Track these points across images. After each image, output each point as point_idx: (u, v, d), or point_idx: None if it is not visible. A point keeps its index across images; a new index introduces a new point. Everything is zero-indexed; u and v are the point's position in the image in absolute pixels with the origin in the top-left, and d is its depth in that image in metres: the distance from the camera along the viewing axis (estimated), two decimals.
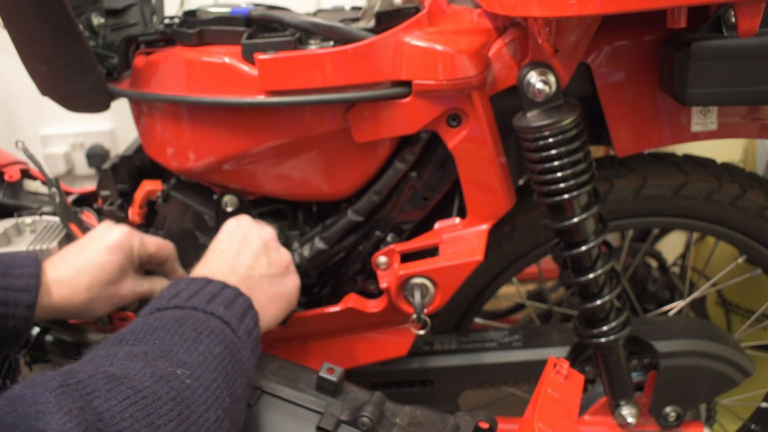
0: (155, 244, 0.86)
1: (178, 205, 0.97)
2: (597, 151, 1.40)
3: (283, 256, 0.81)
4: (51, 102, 0.90)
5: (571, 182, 0.79)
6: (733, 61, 0.71)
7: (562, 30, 0.73)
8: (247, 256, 0.77)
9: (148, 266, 0.88)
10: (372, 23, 0.84)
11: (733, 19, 0.69)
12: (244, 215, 0.85)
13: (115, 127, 1.92)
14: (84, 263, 0.78)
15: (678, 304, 1.15)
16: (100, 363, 0.53)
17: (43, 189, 1.09)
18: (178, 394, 0.52)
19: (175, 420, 0.51)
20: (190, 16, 0.91)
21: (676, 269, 1.44)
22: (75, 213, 0.96)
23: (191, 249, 0.97)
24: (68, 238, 0.94)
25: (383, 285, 0.89)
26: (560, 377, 0.76)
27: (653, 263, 1.39)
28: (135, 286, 0.83)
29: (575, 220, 0.81)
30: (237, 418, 0.60)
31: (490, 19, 0.81)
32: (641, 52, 0.82)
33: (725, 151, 1.41)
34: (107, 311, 0.82)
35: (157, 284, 0.87)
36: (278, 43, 0.81)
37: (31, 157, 0.93)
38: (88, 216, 1.01)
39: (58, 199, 0.93)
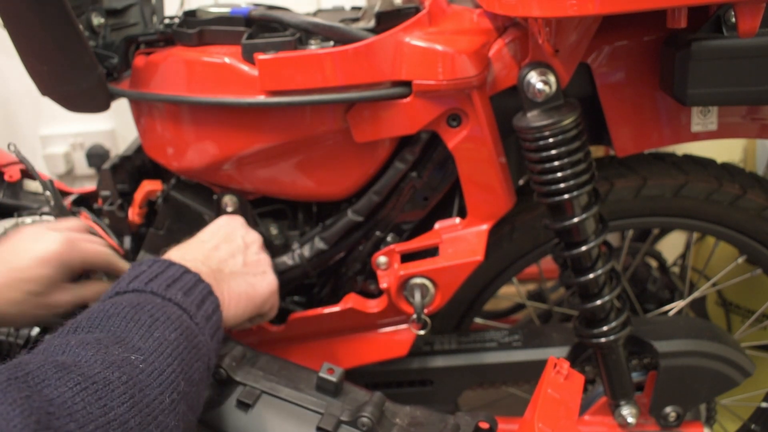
0: (92, 253, 0.80)
1: (178, 205, 0.97)
2: (597, 151, 1.41)
3: (262, 261, 0.82)
4: (51, 102, 0.90)
5: (571, 182, 0.79)
6: (733, 61, 0.71)
7: (563, 30, 0.73)
8: (224, 251, 0.78)
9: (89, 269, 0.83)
10: (372, 23, 0.84)
11: (734, 19, 0.69)
12: (237, 216, 0.86)
13: (115, 127, 1.93)
14: (11, 276, 0.73)
15: (678, 304, 1.15)
16: (52, 353, 0.53)
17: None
18: (129, 378, 0.53)
19: (127, 402, 0.52)
20: (190, 16, 0.91)
21: (676, 269, 1.44)
22: (72, 215, 0.96)
23: None
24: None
25: (383, 285, 0.89)
26: (560, 377, 0.76)
27: (653, 263, 1.39)
28: (71, 295, 0.77)
29: (575, 220, 0.81)
30: (194, 401, 0.61)
31: (490, 19, 0.81)
32: (641, 52, 0.82)
33: (725, 151, 1.41)
34: (46, 319, 0.78)
35: (97, 288, 0.82)
36: (278, 43, 0.81)
37: (23, 159, 0.93)
38: (85, 217, 1.01)
39: (52, 202, 0.93)
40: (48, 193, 0.93)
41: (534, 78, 0.77)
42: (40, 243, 0.75)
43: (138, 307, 0.61)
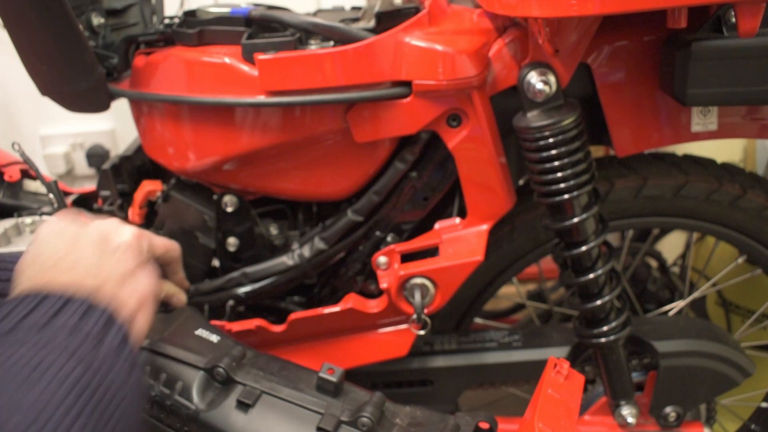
0: (163, 245, 0.80)
1: (178, 205, 0.97)
2: (597, 151, 1.41)
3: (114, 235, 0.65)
4: (51, 102, 0.90)
5: (571, 182, 0.79)
6: (733, 61, 0.71)
7: (563, 30, 0.73)
8: (86, 257, 0.60)
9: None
10: (372, 23, 0.85)
11: (734, 19, 0.69)
12: (57, 215, 0.68)
13: (115, 127, 1.92)
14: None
15: (678, 304, 1.15)
16: None
17: (44, 189, 1.09)
18: None
19: None
20: (190, 16, 0.92)
21: (676, 269, 1.44)
22: None
23: (191, 249, 0.97)
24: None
25: (383, 285, 0.89)
26: (560, 377, 0.76)
27: (653, 263, 1.39)
28: None
29: (575, 220, 0.81)
30: None
31: (490, 19, 0.81)
32: (641, 52, 0.82)
33: (725, 151, 1.41)
34: None
35: (163, 287, 0.86)
36: (278, 43, 0.81)
37: (28, 160, 0.93)
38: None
39: (56, 204, 0.93)
40: (51, 195, 0.93)
41: (534, 78, 0.77)
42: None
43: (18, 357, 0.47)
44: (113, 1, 1.02)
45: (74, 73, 0.86)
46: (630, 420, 0.93)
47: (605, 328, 0.86)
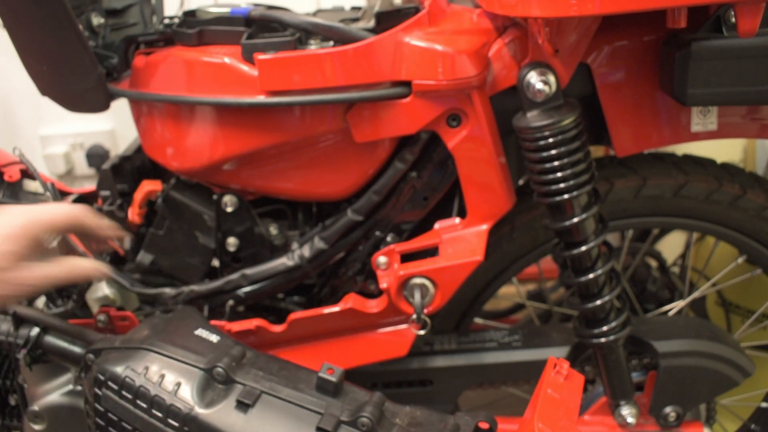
0: (63, 216, 0.75)
1: (178, 205, 0.97)
2: (597, 151, 1.41)
3: None
4: (51, 102, 0.90)
5: (571, 182, 0.79)
6: (733, 61, 0.71)
7: (562, 30, 0.73)
8: None
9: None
10: (372, 23, 0.85)
11: (733, 19, 0.69)
12: None
13: (115, 127, 1.92)
14: None
15: (678, 304, 1.15)
16: None
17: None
18: None
19: None
20: (190, 16, 0.92)
21: (676, 269, 1.44)
22: None
23: (191, 249, 0.97)
24: (66, 240, 0.93)
25: (383, 285, 0.89)
26: (560, 377, 0.76)
27: (653, 263, 1.39)
28: (39, 273, 0.72)
29: (575, 220, 0.81)
30: None
31: (490, 19, 0.81)
32: (641, 52, 0.82)
33: (725, 151, 1.41)
34: (20, 298, 0.73)
35: (70, 266, 0.76)
36: (278, 43, 0.81)
37: (27, 162, 0.93)
38: None
39: None
40: (48, 193, 0.93)
41: (534, 78, 0.77)
42: (2, 218, 0.70)
43: None
44: (113, 1, 1.02)
45: (74, 73, 0.86)
46: (630, 420, 0.93)
47: (605, 328, 0.86)
